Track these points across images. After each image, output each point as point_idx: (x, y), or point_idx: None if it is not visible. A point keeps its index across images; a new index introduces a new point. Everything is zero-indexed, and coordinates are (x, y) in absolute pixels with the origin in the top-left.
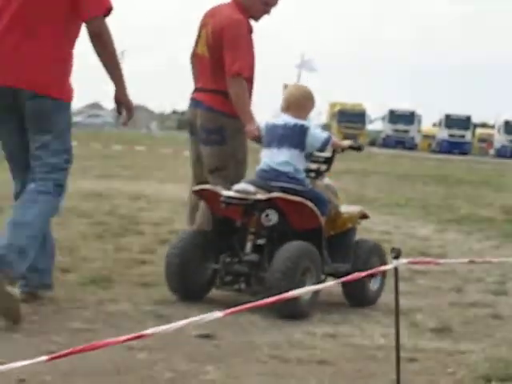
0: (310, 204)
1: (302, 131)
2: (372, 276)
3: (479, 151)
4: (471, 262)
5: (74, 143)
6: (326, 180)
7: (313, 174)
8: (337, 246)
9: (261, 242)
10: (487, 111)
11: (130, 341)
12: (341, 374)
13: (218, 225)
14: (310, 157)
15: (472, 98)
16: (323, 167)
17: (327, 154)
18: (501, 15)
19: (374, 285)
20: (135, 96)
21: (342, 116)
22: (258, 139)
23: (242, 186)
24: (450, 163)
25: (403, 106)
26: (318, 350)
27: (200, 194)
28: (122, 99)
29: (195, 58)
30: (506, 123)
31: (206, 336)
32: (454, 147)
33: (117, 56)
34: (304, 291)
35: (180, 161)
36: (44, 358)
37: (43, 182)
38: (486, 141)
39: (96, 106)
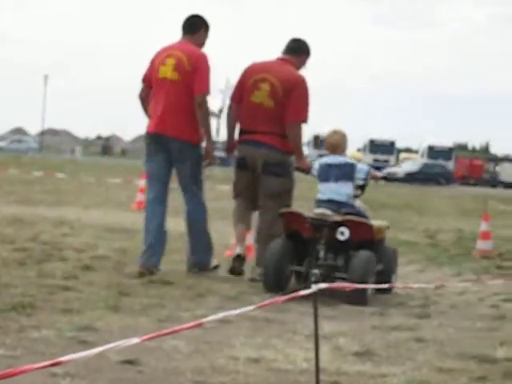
0: (369, 222)
1: (352, 168)
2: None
3: None
4: (390, 287)
5: None
6: (358, 202)
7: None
8: (375, 251)
9: (331, 251)
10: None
11: (49, 367)
12: None
13: (293, 238)
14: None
15: (395, 124)
16: (358, 192)
17: (361, 182)
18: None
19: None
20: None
21: None
22: (308, 172)
23: (321, 210)
24: (372, 187)
25: (325, 130)
26: (241, 374)
27: (284, 214)
28: (209, 151)
29: (251, 105)
30: (430, 148)
31: (129, 362)
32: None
33: (209, 121)
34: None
35: (103, 187)
36: None
37: None
38: None
39: (20, 131)
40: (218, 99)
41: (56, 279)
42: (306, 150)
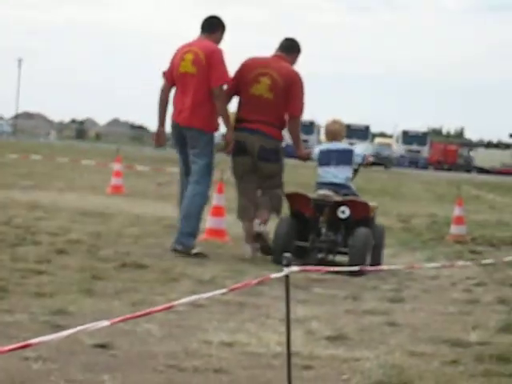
0: (366, 201)
1: (351, 153)
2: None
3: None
4: (361, 270)
5: None
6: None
7: None
8: (369, 228)
9: (332, 228)
10: (385, 121)
11: (17, 350)
12: (237, 383)
13: (298, 217)
14: None
15: (370, 108)
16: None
17: (355, 166)
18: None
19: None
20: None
21: None
22: (306, 159)
23: (323, 191)
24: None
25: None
26: (214, 358)
27: (289, 196)
28: (229, 139)
29: (251, 97)
30: (404, 133)
31: (102, 346)
32: None
33: (226, 111)
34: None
35: (77, 170)
36: None
37: None
38: None
39: None
40: None
41: (29, 263)
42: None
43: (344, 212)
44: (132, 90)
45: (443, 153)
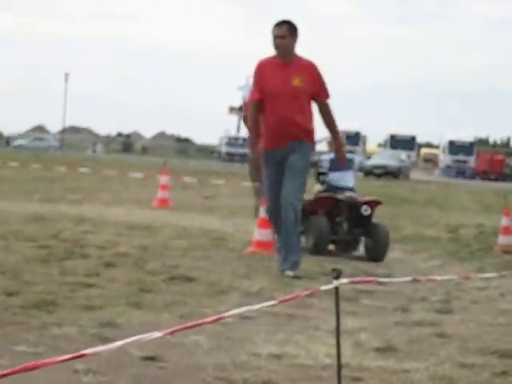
0: (380, 199)
1: (353, 162)
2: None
3: (424, 171)
4: (415, 280)
5: (14, 164)
6: None
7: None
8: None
9: (355, 224)
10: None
11: (70, 361)
12: None
13: (329, 215)
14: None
15: (416, 118)
16: None
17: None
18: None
19: None
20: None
21: None
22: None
23: (350, 194)
24: (393, 183)
25: (346, 127)
26: (263, 370)
27: (322, 198)
28: (338, 150)
29: None
30: (451, 143)
31: (151, 358)
32: None
33: (335, 122)
34: None
35: (124, 183)
36: None
37: None
38: (431, 161)
39: (40, 128)
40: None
41: (78, 276)
42: (441, 156)
43: (366, 210)
44: (178, 103)
45: (490, 163)
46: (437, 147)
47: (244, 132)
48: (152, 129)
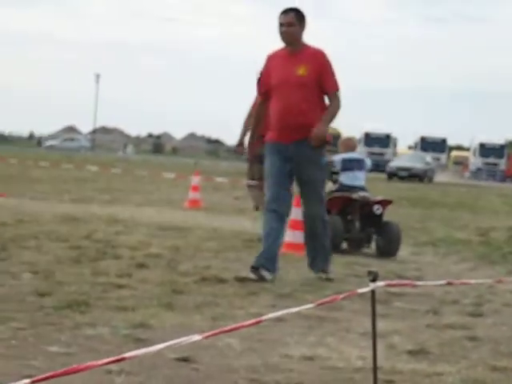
0: (391, 199)
1: (364, 161)
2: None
3: (454, 174)
4: (449, 283)
5: (45, 164)
6: None
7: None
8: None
9: (369, 222)
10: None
11: (111, 364)
12: None
13: (342, 214)
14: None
15: (446, 121)
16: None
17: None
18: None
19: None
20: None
21: None
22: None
23: (363, 193)
24: (424, 185)
25: (378, 128)
26: (295, 373)
27: (335, 197)
28: (315, 136)
29: None
30: (481, 146)
31: (184, 359)
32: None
33: (333, 116)
34: None
35: (155, 184)
36: (26, 381)
37: None
38: (462, 163)
39: (72, 129)
40: None
41: (110, 277)
42: (471, 158)
43: (379, 209)
44: (209, 104)
45: None
46: (467, 150)
47: None
48: (182, 130)
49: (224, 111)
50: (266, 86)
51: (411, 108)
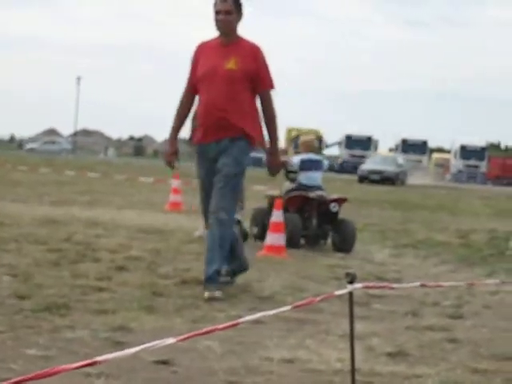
0: (346, 197)
1: (322, 162)
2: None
3: (435, 176)
4: (423, 285)
5: (23, 168)
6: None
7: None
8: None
9: (324, 219)
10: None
11: (85, 367)
12: None
13: (300, 212)
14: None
15: (427, 123)
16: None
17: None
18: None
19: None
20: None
21: (298, 142)
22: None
23: (319, 192)
24: (405, 188)
25: (359, 131)
26: (275, 375)
27: (293, 197)
28: (272, 152)
29: None
30: (462, 148)
31: (163, 362)
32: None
33: (275, 119)
34: None
35: (136, 187)
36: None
37: None
38: (443, 165)
39: (52, 132)
40: None
41: (89, 280)
42: (337, 150)
43: (335, 207)
44: None
45: (502, 167)
46: (448, 152)
47: None
48: (164, 132)
49: (98, 117)
50: (193, 78)
51: (393, 110)
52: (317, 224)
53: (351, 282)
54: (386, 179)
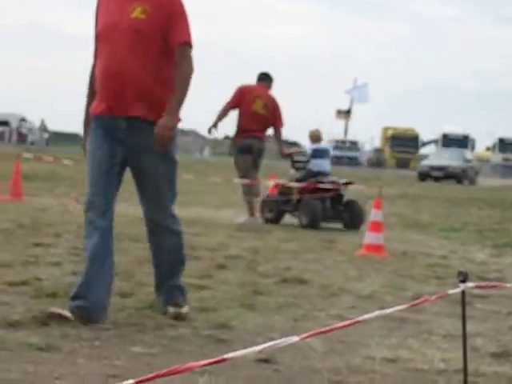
0: (352, 180)
1: (329, 151)
2: None
3: None
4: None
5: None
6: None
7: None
8: None
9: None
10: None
11: (211, 365)
12: None
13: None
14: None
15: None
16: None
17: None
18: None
19: None
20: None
21: (394, 141)
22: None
23: (332, 177)
24: (503, 187)
25: (456, 129)
26: (377, 374)
27: (306, 185)
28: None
29: (255, 114)
30: (501, 141)
31: (265, 360)
32: (509, 171)
33: (187, 87)
34: None
35: (230, 187)
36: (131, 381)
37: None
38: None
39: None
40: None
41: (191, 278)
42: (433, 149)
43: (344, 190)
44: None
45: None
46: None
47: (351, 135)
48: None
49: (301, 114)
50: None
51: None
52: (331, 206)
53: (463, 281)
54: (450, 176)
